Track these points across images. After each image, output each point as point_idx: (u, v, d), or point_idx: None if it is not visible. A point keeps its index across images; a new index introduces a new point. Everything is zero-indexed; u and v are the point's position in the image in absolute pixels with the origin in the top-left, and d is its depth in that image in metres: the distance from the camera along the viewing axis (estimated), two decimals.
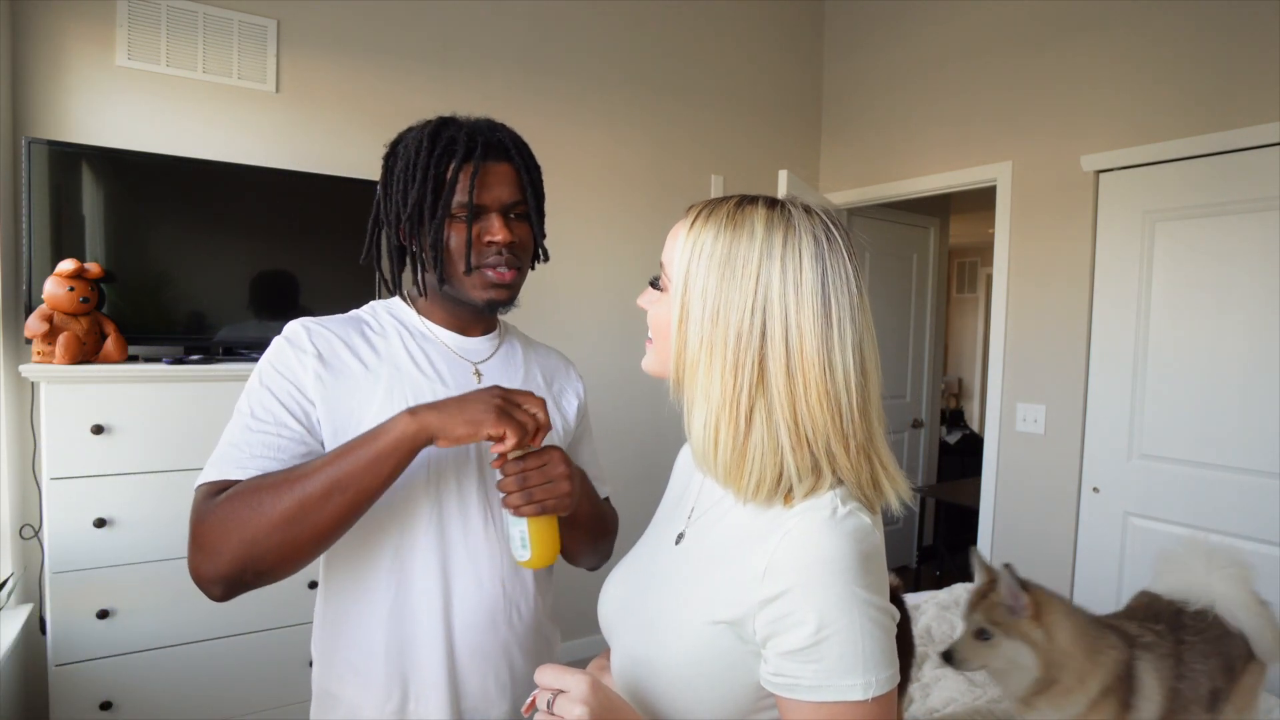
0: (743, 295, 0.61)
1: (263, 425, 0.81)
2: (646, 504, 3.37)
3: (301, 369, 0.83)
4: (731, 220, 0.63)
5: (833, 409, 0.60)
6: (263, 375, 0.84)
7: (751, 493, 0.62)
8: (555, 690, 0.59)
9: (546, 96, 2.75)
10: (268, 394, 0.82)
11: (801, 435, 0.60)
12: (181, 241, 1.96)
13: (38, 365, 1.69)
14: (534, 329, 2.79)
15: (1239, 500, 2.14)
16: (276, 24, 2.23)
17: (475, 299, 0.89)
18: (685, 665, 0.64)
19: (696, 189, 3.15)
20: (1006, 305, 2.74)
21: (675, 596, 0.68)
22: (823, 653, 0.56)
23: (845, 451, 0.61)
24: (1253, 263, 2.11)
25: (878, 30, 3.25)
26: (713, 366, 0.62)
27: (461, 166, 0.85)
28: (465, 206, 0.85)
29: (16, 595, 1.90)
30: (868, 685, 0.56)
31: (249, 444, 0.79)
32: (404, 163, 0.86)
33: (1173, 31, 2.26)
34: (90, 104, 1.99)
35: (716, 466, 0.64)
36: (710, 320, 0.62)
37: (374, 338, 0.90)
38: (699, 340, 0.63)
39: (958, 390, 6.71)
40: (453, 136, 0.86)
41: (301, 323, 0.87)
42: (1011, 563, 1.15)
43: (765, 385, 0.61)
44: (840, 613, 0.56)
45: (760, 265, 0.61)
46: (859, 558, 0.58)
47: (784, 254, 0.61)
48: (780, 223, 0.62)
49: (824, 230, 0.62)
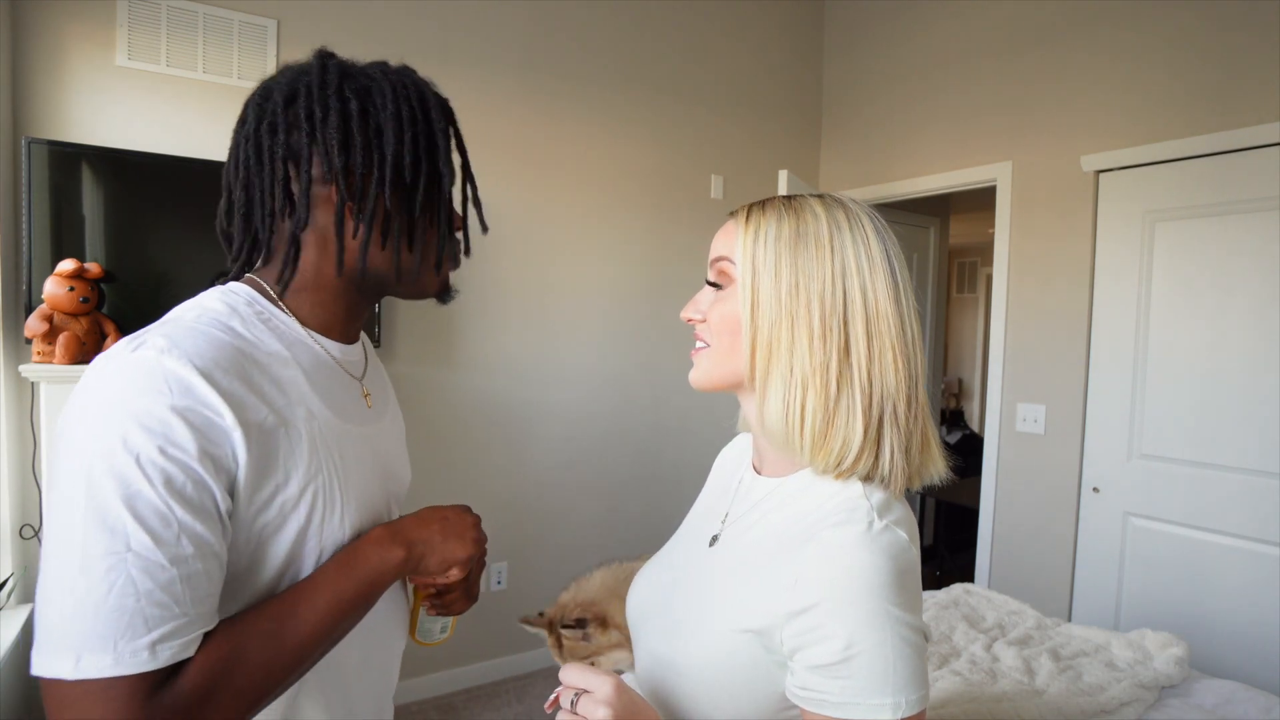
0: (821, 266, 0.63)
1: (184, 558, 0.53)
2: (647, 503, 3.37)
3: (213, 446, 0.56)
4: (790, 207, 0.66)
5: (907, 371, 0.63)
6: (147, 473, 0.52)
7: (834, 463, 0.62)
8: (579, 689, 0.59)
9: (546, 96, 2.75)
10: (174, 503, 0.53)
11: (871, 397, 0.62)
12: (181, 241, 1.97)
13: (38, 365, 1.69)
14: (534, 327, 2.81)
15: (1239, 500, 2.14)
16: (276, 24, 2.23)
17: (434, 289, 0.75)
18: (709, 670, 0.64)
19: (696, 189, 3.15)
20: (1006, 305, 2.74)
21: (704, 600, 0.68)
22: (852, 670, 0.55)
23: (908, 409, 0.63)
24: (1253, 263, 2.11)
25: (878, 30, 3.25)
26: (798, 339, 0.63)
27: (458, 137, 0.74)
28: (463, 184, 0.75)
29: (16, 595, 1.91)
30: (897, 705, 0.55)
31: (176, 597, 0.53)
32: (400, 118, 0.67)
33: (1172, 31, 2.26)
34: (90, 104, 1.99)
35: (803, 440, 0.63)
36: (790, 294, 0.63)
37: (270, 365, 0.63)
38: (778, 317, 0.63)
39: (958, 390, 6.71)
40: (433, 95, 0.71)
41: (176, 365, 0.55)
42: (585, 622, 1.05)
43: (853, 349, 0.62)
44: (871, 630, 0.55)
45: (832, 237, 0.64)
46: (894, 574, 0.57)
47: (851, 226, 0.64)
48: (836, 205, 0.66)
49: (869, 211, 0.67)
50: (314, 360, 0.68)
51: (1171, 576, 2.29)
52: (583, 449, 2.88)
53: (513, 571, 2.76)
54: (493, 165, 2.65)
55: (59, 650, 0.50)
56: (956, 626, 1.86)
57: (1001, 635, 1.83)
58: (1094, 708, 1.44)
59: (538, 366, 2.75)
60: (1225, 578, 2.17)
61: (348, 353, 0.74)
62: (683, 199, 3.11)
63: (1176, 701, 1.53)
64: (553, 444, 2.81)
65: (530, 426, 2.75)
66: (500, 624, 2.73)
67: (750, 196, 3.26)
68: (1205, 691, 1.57)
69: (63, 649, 0.50)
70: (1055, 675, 1.59)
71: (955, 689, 1.53)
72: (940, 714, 1.41)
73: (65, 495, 0.52)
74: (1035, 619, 1.94)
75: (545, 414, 2.77)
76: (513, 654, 2.78)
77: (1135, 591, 2.38)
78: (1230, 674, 2.06)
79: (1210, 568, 2.20)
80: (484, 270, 2.63)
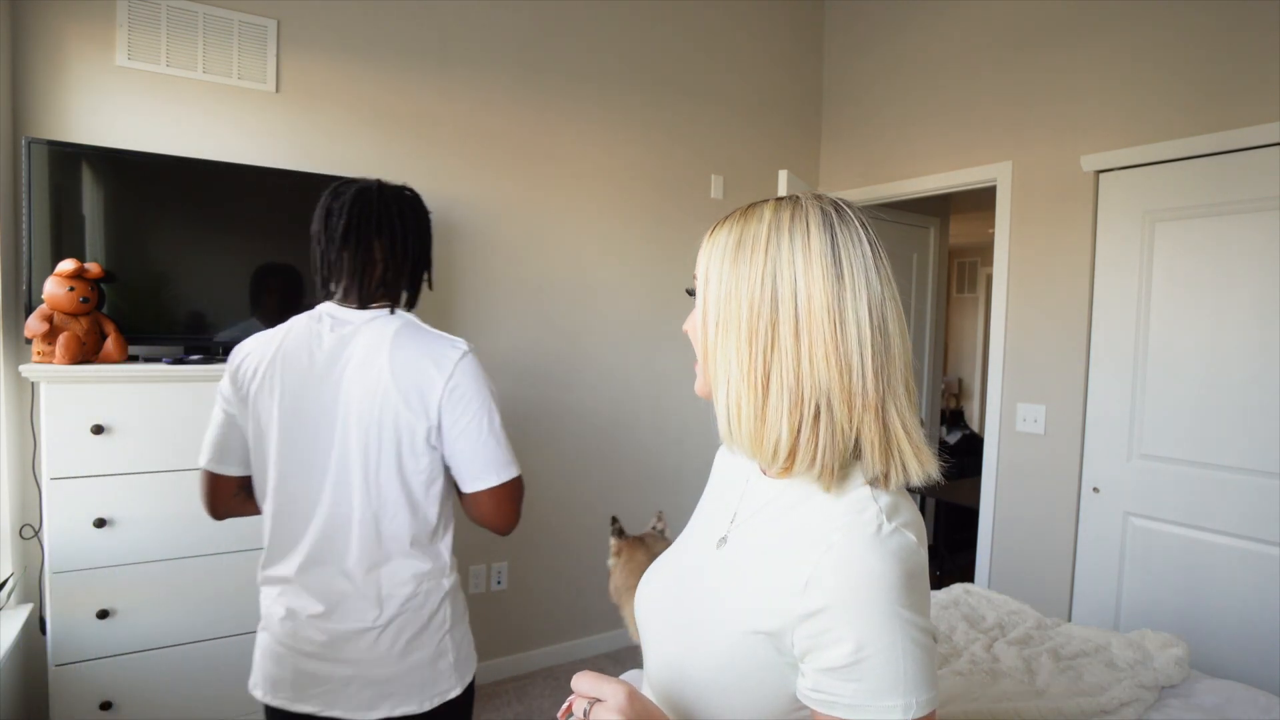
0: (752, 269, 0.63)
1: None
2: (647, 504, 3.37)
3: None
4: (743, 215, 0.67)
5: (841, 365, 0.60)
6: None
7: (770, 459, 0.63)
8: (592, 698, 0.59)
9: (546, 96, 2.75)
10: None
11: (799, 395, 0.61)
12: (181, 241, 1.97)
13: (38, 365, 1.69)
14: (534, 326, 2.81)
15: (1239, 500, 2.14)
16: (276, 24, 2.23)
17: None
18: (720, 672, 0.64)
19: (697, 188, 3.15)
20: (1006, 305, 2.74)
21: (714, 602, 0.68)
22: (862, 672, 0.56)
23: (849, 410, 0.60)
24: (1253, 263, 2.11)
25: (878, 30, 3.25)
26: (728, 342, 0.64)
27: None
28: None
29: (16, 595, 1.91)
30: (908, 706, 0.55)
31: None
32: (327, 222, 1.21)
33: (1173, 31, 2.26)
34: (90, 104, 1.99)
35: (741, 439, 0.64)
36: (724, 302, 0.65)
37: None
38: (715, 325, 0.65)
39: (958, 390, 6.71)
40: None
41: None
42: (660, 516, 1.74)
43: (778, 348, 0.62)
44: (882, 632, 0.56)
45: (769, 240, 0.63)
46: (903, 576, 0.57)
47: (791, 227, 0.63)
48: (788, 205, 0.65)
49: (833, 207, 0.64)
50: None
51: (1171, 576, 2.29)
52: (582, 448, 2.87)
53: (513, 571, 2.76)
54: (492, 164, 2.65)
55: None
56: (957, 626, 1.85)
57: (1002, 635, 1.83)
58: (1094, 708, 1.44)
59: (536, 366, 2.75)
60: (1225, 578, 2.17)
61: None
62: (683, 199, 3.11)
63: (1176, 701, 1.53)
64: (551, 443, 2.81)
65: (529, 426, 2.75)
66: (500, 624, 2.73)
67: (750, 196, 3.26)
68: (1205, 691, 1.57)
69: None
70: (1055, 675, 1.59)
71: (955, 689, 1.53)
72: (940, 714, 1.41)
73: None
74: (1035, 619, 1.94)
75: (544, 413, 2.77)
76: (513, 654, 2.78)
77: (1135, 591, 2.38)
78: (1230, 674, 2.06)
79: (1210, 568, 2.20)
80: (483, 269, 2.63)
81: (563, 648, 2.92)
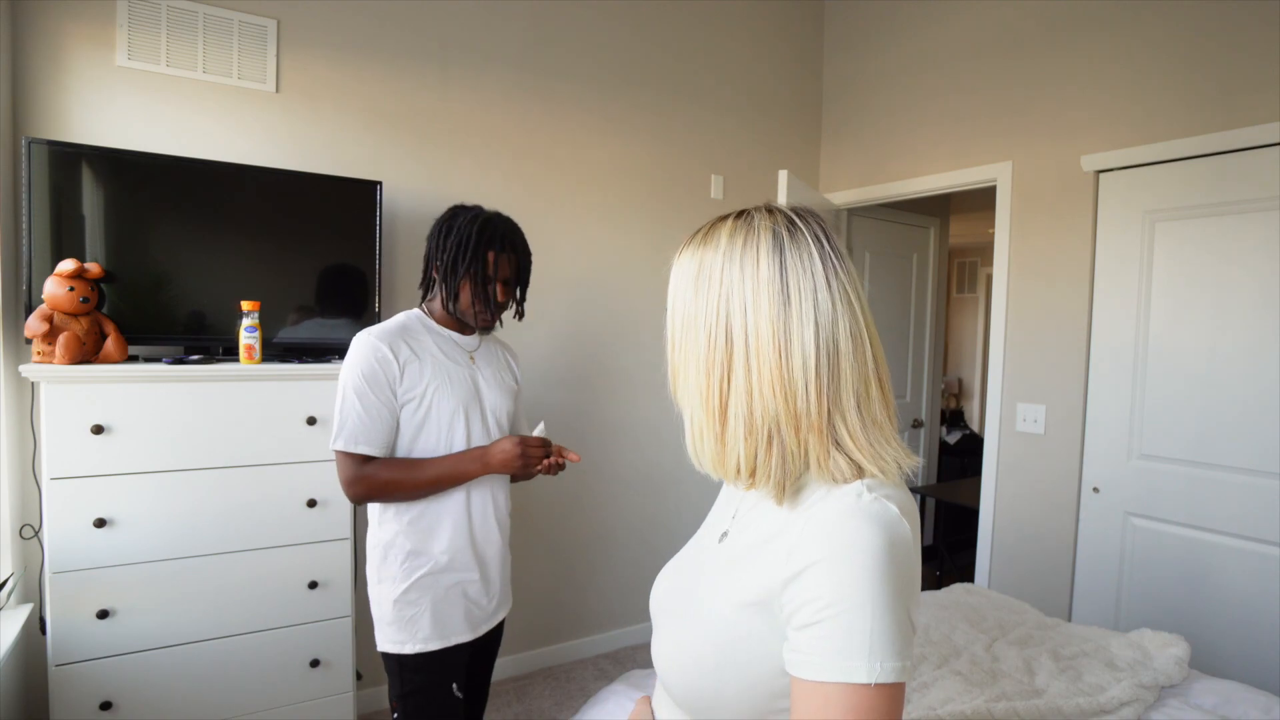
0: (708, 301, 0.66)
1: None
2: (647, 504, 3.36)
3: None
4: (703, 240, 0.69)
5: (786, 392, 0.62)
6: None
7: (732, 479, 0.67)
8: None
9: (546, 96, 2.75)
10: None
11: (753, 423, 0.63)
12: (182, 241, 1.97)
13: (38, 365, 1.69)
14: (535, 326, 2.80)
15: (1239, 500, 2.14)
16: (276, 24, 2.23)
17: (474, 324, 1.54)
18: (715, 649, 0.66)
19: (697, 188, 3.15)
20: (1006, 305, 2.74)
21: (712, 586, 0.71)
22: (830, 630, 0.56)
23: (795, 433, 0.62)
24: (1253, 263, 2.11)
25: (878, 30, 3.25)
26: (688, 373, 0.68)
27: (498, 253, 1.48)
28: (490, 278, 1.48)
29: (16, 595, 1.91)
30: (872, 670, 0.54)
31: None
32: (457, 237, 1.46)
33: (1173, 32, 2.26)
34: (90, 104, 1.99)
35: (705, 460, 0.69)
36: (685, 329, 0.68)
37: (415, 335, 1.49)
38: (679, 353, 0.69)
39: (958, 390, 6.71)
40: (493, 233, 1.48)
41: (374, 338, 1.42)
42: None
43: (733, 382, 0.64)
44: (853, 591, 0.56)
45: (723, 269, 0.66)
46: (883, 543, 0.57)
47: (743, 255, 0.65)
48: (742, 230, 0.67)
49: (786, 223, 0.65)
50: (438, 336, 1.52)
51: (1171, 576, 2.29)
52: (582, 449, 2.87)
53: (513, 572, 2.75)
54: (492, 164, 2.65)
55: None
56: (957, 626, 1.86)
57: (1002, 635, 1.83)
58: (1094, 708, 1.44)
59: (536, 365, 2.75)
60: (1225, 578, 2.17)
61: (463, 340, 1.56)
62: (683, 199, 3.11)
63: (1176, 701, 1.53)
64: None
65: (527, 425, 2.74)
66: None
67: (750, 197, 3.26)
68: (1205, 691, 1.57)
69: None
70: (1055, 675, 1.59)
71: (955, 689, 1.53)
72: (941, 714, 1.41)
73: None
74: (1035, 619, 1.94)
75: (543, 413, 2.77)
76: (513, 654, 2.78)
77: (1135, 591, 2.38)
78: (1230, 674, 2.06)
79: (1210, 568, 2.20)
80: None
81: (563, 648, 2.92)
